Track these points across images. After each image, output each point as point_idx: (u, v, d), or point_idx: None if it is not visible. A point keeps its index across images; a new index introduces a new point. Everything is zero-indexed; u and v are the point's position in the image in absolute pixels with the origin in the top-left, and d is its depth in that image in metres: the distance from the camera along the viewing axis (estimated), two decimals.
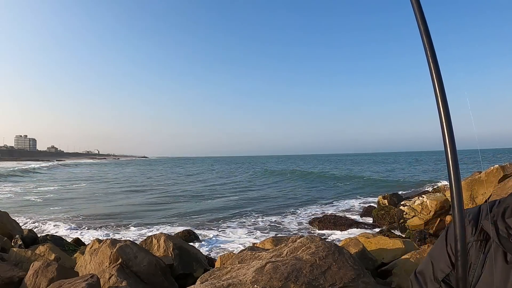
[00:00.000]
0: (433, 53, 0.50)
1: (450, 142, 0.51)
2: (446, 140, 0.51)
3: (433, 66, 0.49)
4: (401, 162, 58.79)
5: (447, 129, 0.51)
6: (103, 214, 12.84)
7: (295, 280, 2.48)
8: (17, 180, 32.50)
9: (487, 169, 7.54)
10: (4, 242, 5.50)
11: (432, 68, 0.50)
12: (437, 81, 0.50)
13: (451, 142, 0.51)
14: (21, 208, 14.21)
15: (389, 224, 9.42)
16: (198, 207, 14.72)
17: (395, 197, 11.30)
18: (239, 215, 12.40)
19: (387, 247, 4.62)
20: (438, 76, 0.50)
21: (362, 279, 2.78)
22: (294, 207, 13.82)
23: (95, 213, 13.06)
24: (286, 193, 19.47)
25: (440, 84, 0.50)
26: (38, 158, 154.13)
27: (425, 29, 0.47)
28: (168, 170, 54.12)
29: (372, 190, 19.04)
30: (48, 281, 3.54)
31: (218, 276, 2.81)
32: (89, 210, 13.82)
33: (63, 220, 11.57)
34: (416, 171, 35.39)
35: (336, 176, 29.40)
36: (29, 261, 4.38)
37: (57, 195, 19.29)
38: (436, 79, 0.50)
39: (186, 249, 4.83)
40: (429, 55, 0.50)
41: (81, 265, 4.21)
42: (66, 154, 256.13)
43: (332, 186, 22.42)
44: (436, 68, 0.50)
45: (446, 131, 0.51)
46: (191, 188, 22.83)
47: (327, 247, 2.92)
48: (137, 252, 3.94)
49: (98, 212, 13.19)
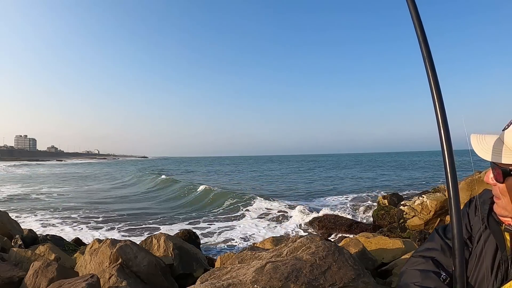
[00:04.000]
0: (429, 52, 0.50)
1: (446, 143, 0.51)
2: (443, 140, 0.51)
3: (429, 66, 0.50)
4: (386, 167, 45.94)
5: (444, 129, 0.51)
6: (103, 214, 12.84)
7: (295, 280, 2.48)
8: (18, 180, 32.52)
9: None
10: (4, 242, 5.50)
11: (429, 69, 0.50)
12: (433, 81, 0.50)
13: (447, 142, 0.51)
14: (21, 208, 14.22)
15: (389, 224, 9.42)
16: (197, 207, 14.71)
17: (395, 197, 11.30)
18: (239, 215, 12.41)
19: (387, 247, 4.62)
20: (434, 77, 0.50)
21: (362, 279, 2.78)
22: (294, 207, 13.82)
23: (95, 213, 13.07)
24: (287, 190, 19.51)
25: (436, 84, 0.50)
26: (38, 158, 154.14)
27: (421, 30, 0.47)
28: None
29: (372, 190, 19.06)
30: (48, 281, 3.54)
31: (218, 276, 2.81)
32: (89, 210, 13.83)
33: (63, 220, 11.57)
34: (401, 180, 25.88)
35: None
36: (29, 261, 4.38)
37: (57, 195, 19.30)
38: (432, 80, 0.50)
39: (186, 249, 4.83)
40: (425, 55, 0.50)
41: (81, 265, 4.21)
42: (66, 154, 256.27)
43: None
44: (432, 69, 0.50)
45: (442, 132, 0.51)
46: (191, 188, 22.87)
47: (327, 247, 2.92)
48: (137, 252, 3.95)
49: (98, 212, 13.19)
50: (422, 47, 0.47)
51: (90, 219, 11.82)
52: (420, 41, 0.46)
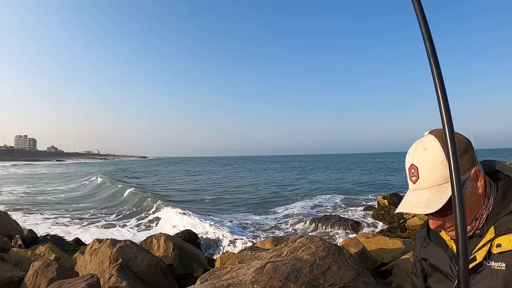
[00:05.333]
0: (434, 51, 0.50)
1: (451, 141, 0.51)
2: (448, 138, 0.51)
3: (434, 65, 0.49)
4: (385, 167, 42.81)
5: (448, 128, 0.51)
6: (103, 214, 12.84)
7: (295, 280, 2.48)
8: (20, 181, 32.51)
9: None
10: (4, 242, 5.49)
11: (434, 68, 0.50)
12: (438, 83, 0.50)
13: (452, 141, 0.51)
14: (21, 208, 14.20)
15: (389, 224, 9.42)
16: (198, 206, 14.72)
17: (395, 197, 11.32)
18: (240, 215, 12.40)
19: (387, 247, 4.62)
20: (440, 78, 0.50)
21: (362, 279, 2.78)
22: (294, 207, 13.83)
23: (96, 213, 13.06)
24: (293, 191, 19.46)
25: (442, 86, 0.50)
26: (38, 158, 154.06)
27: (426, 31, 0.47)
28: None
29: (372, 190, 19.06)
30: (48, 281, 3.54)
31: (218, 276, 2.81)
32: (89, 210, 13.82)
33: (62, 220, 11.56)
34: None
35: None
36: (29, 261, 4.38)
37: (57, 195, 19.29)
38: (437, 80, 0.50)
39: (186, 249, 4.83)
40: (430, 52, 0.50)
41: (81, 265, 4.21)
42: (66, 154, 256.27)
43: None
44: (438, 69, 0.50)
45: (447, 131, 0.51)
46: (191, 188, 22.85)
47: (327, 247, 2.92)
48: (137, 252, 3.94)
49: (98, 212, 13.19)
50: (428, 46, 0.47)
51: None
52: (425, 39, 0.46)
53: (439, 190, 0.85)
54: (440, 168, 0.85)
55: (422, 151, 0.89)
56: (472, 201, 0.87)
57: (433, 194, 0.86)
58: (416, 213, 0.93)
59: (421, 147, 0.90)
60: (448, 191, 0.83)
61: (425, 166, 0.88)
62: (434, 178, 0.86)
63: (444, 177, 0.85)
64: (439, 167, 0.86)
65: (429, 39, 0.48)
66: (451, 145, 0.49)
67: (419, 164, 0.89)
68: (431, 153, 0.87)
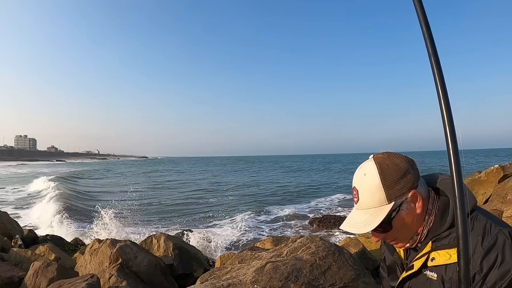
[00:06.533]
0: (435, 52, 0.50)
1: (452, 142, 0.50)
2: (449, 139, 0.51)
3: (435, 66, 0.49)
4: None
5: (450, 128, 0.51)
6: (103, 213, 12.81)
7: (295, 280, 2.48)
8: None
9: (487, 169, 7.54)
10: (4, 242, 5.48)
11: (435, 68, 0.49)
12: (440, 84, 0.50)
13: (453, 142, 0.50)
14: (20, 208, 14.19)
15: None
16: (198, 206, 14.71)
17: None
18: (240, 215, 12.39)
19: None
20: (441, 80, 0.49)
21: (362, 279, 2.78)
22: (295, 207, 13.82)
23: (95, 212, 13.04)
24: (292, 191, 19.45)
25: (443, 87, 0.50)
26: (38, 158, 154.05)
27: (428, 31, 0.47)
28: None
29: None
30: (48, 281, 3.53)
31: (218, 276, 2.81)
32: (89, 210, 13.81)
33: (62, 220, 11.55)
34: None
35: None
36: (29, 261, 4.37)
37: (57, 194, 19.26)
38: (439, 82, 0.50)
39: (186, 249, 4.83)
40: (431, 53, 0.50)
41: (81, 265, 4.20)
42: (66, 154, 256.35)
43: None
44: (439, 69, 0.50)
45: (448, 132, 0.51)
46: (191, 187, 22.84)
47: (327, 247, 2.91)
48: (137, 252, 3.94)
49: (98, 212, 13.16)
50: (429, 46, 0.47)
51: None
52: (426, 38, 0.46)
53: (375, 212, 0.96)
54: (376, 193, 0.96)
55: (362, 176, 1.00)
56: (408, 220, 0.97)
57: (369, 215, 0.97)
58: (354, 232, 1.08)
59: (362, 172, 1.00)
60: (382, 214, 0.95)
61: (364, 190, 0.99)
62: (371, 202, 0.97)
63: (379, 201, 0.96)
64: (375, 192, 0.96)
65: (429, 39, 0.48)
66: (452, 145, 0.49)
67: (359, 188, 1.00)
68: (368, 179, 0.97)
